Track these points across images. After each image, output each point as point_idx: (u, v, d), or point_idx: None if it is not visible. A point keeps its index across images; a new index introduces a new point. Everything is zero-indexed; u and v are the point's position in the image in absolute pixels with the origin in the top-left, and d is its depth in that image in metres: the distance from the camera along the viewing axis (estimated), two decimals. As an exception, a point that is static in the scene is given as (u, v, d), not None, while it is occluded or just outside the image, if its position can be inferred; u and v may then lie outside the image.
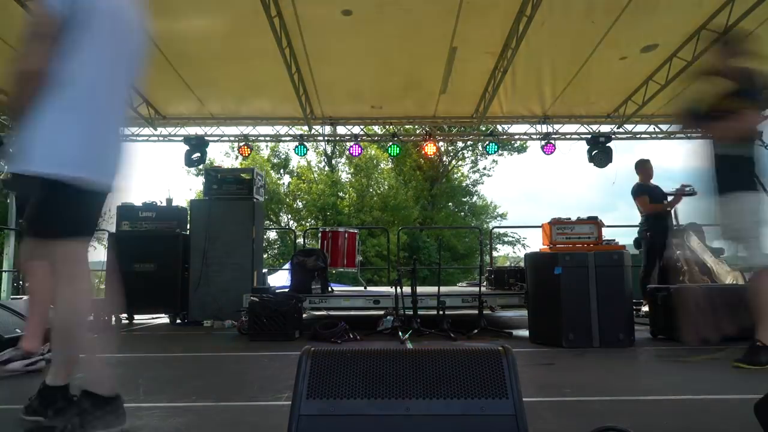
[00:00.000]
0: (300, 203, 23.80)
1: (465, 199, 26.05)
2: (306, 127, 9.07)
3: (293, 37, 6.37)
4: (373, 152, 22.73)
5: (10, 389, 2.54)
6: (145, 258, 5.57)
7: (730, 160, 3.13)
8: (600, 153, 8.93)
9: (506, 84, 7.45)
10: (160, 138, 9.22)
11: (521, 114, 8.92)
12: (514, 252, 23.65)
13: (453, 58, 6.79)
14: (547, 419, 1.95)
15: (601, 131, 9.11)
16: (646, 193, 5.58)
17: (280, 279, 10.08)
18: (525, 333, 4.22)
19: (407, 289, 4.48)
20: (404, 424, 1.26)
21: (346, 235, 5.71)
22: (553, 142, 9.01)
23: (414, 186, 23.80)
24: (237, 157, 9.83)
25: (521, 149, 24.33)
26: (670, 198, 5.52)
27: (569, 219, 4.28)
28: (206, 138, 9.04)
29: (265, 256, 15.32)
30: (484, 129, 9.41)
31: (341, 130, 9.48)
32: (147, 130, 9.04)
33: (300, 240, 11.78)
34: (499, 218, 25.61)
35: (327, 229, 5.92)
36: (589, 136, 9.10)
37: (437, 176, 25.04)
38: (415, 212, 21.88)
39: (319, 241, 5.90)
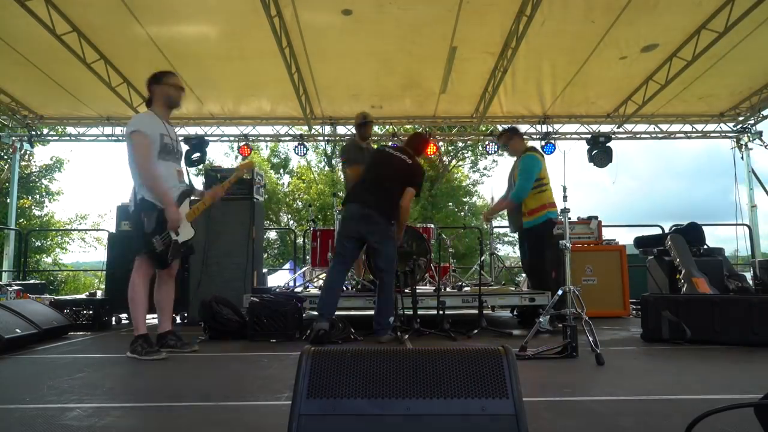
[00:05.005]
0: (300, 203, 23.81)
1: (465, 199, 26.05)
2: (306, 127, 9.08)
3: (293, 37, 6.37)
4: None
5: (9, 389, 2.54)
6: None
7: None
8: (600, 153, 8.94)
9: (506, 84, 7.46)
10: (160, 138, 9.21)
11: (521, 114, 8.93)
12: (515, 252, 23.64)
13: (453, 57, 6.79)
14: (547, 419, 1.95)
15: (601, 131, 9.11)
16: None
17: (280, 279, 10.07)
18: (525, 333, 4.21)
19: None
20: (404, 423, 1.26)
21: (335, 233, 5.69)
22: (553, 141, 9.01)
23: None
24: (237, 157, 9.80)
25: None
26: None
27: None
28: (206, 138, 9.04)
29: (265, 256, 15.31)
30: (484, 129, 9.41)
31: (341, 130, 9.49)
32: (147, 130, 9.03)
33: (300, 240, 11.80)
34: (498, 218, 25.57)
35: (316, 228, 5.93)
36: (589, 136, 9.10)
37: (437, 176, 25.04)
38: (414, 212, 21.87)
39: (310, 240, 5.92)
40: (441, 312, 4.46)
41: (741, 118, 8.94)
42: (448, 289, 5.17)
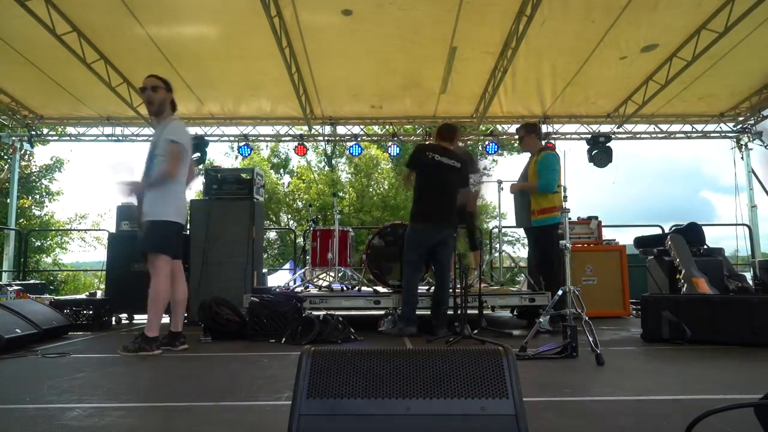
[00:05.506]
0: (300, 203, 23.80)
1: (465, 199, 26.01)
2: (306, 127, 9.07)
3: (293, 37, 6.37)
4: (373, 152, 22.73)
5: (10, 389, 2.54)
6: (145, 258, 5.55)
7: None
8: (600, 153, 8.94)
9: (506, 84, 7.45)
10: (160, 138, 9.21)
11: (521, 114, 8.92)
12: (514, 251, 23.64)
13: (453, 57, 6.79)
14: (547, 419, 1.95)
15: (601, 131, 9.11)
16: None
17: (280, 279, 10.06)
18: (525, 333, 4.22)
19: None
20: (405, 423, 1.26)
21: (335, 233, 5.68)
22: (553, 142, 9.01)
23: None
24: (237, 157, 9.81)
25: (521, 150, 24.25)
26: None
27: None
28: (206, 138, 9.04)
29: (265, 256, 15.29)
30: (484, 129, 9.41)
31: (341, 130, 9.48)
32: (147, 130, 9.04)
33: (300, 240, 11.84)
34: (498, 218, 25.55)
35: (316, 228, 5.93)
36: (589, 136, 9.10)
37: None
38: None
39: (310, 240, 5.93)
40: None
41: (741, 118, 8.95)
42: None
